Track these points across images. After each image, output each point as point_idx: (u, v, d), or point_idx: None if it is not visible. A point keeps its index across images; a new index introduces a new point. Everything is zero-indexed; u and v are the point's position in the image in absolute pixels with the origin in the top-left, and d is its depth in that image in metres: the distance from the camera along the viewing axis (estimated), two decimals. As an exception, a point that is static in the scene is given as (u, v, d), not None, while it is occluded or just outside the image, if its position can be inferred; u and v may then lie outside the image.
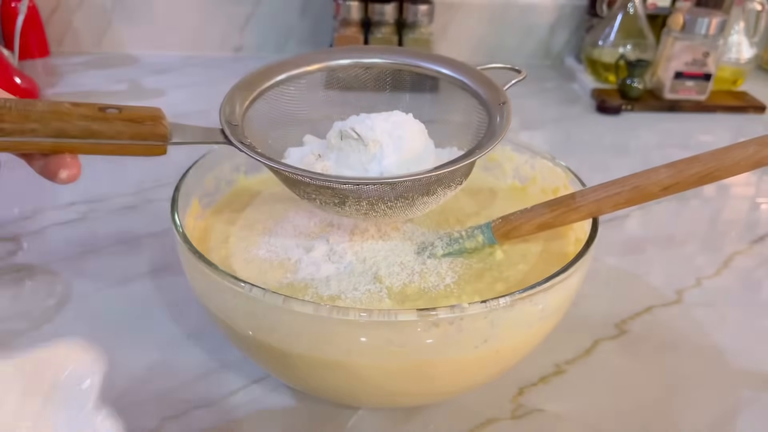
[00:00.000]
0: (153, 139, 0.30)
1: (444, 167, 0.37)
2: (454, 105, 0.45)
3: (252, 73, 0.43)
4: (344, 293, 0.39)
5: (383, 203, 0.38)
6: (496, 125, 0.41)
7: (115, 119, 0.28)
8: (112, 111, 0.28)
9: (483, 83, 0.44)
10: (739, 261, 0.61)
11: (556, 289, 0.35)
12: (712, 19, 0.91)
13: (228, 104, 0.39)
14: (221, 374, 0.45)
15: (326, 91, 0.46)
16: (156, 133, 0.30)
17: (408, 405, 0.43)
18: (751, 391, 0.46)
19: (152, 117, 0.30)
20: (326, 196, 0.38)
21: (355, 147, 0.40)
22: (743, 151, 0.35)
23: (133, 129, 0.28)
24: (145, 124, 0.29)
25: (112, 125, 0.27)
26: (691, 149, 0.51)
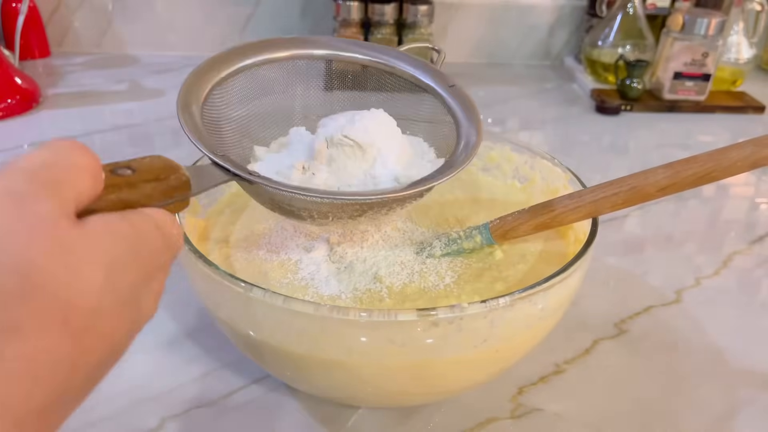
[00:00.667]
0: (180, 192, 0.27)
1: (442, 176, 0.37)
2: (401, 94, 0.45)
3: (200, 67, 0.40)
4: (344, 293, 0.39)
5: (378, 213, 0.38)
6: (464, 128, 0.41)
7: (140, 182, 0.25)
8: (125, 171, 0.24)
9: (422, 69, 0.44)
10: (738, 261, 0.61)
11: (556, 289, 0.35)
12: (712, 19, 0.91)
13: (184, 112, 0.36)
14: (221, 374, 0.45)
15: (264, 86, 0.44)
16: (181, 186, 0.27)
17: (408, 404, 0.43)
18: (750, 391, 0.46)
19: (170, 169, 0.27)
20: (331, 214, 0.37)
21: (350, 154, 0.39)
22: (740, 151, 0.35)
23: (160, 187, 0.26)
24: (169, 180, 0.26)
25: (140, 189, 0.25)
26: (691, 149, 0.51)
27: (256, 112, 0.43)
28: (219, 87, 0.40)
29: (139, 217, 0.24)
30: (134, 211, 0.24)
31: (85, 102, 0.91)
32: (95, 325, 0.21)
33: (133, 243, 0.23)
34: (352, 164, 0.39)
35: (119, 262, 0.22)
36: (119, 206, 0.24)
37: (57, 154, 0.21)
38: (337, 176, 0.39)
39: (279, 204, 0.37)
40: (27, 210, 0.19)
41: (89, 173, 0.22)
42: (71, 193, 0.21)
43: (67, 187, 0.21)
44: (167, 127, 0.85)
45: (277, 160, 0.41)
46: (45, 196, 0.20)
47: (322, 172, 0.39)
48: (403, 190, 0.36)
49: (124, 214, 0.23)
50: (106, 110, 0.90)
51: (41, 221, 0.20)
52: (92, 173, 0.22)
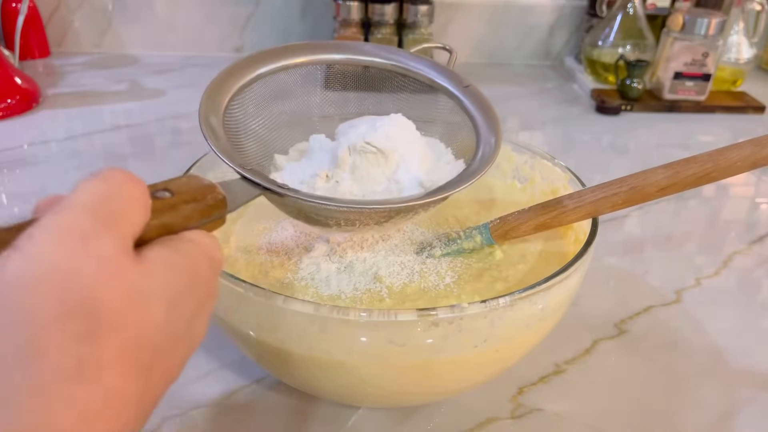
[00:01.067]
0: (217, 211, 0.27)
1: (466, 180, 0.37)
2: (418, 99, 0.45)
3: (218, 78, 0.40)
4: (344, 293, 0.39)
5: (404, 218, 0.38)
6: (483, 133, 0.41)
7: (179, 204, 0.25)
8: (164, 194, 0.24)
9: (435, 70, 0.45)
10: (738, 261, 0.61)
11: (556, 289, 0.35)
12: (712, 19, 0.91)
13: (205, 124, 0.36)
14: (221, 374, 0.45)
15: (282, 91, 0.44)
16: (218, 205, 0.27)
17: (408, 404, 0.43)
18: (750, 391, 0.46)
19: (206, 188, 0.27)
20: (358, 221, 0.37)
21: (372, 161, 0.39)
22: (740, 152, 0.35)
23: (199, 208, 0.26)
24: (206, 200, 0.26)
25: (180, 211, 0.25)
26: (691, 149, 0.51)
27: (273, 119, 0.43)
28: (237, 97, 0.40)
29: (191, 248, 0.24)
30: (184, 240, 0.24)
31: (85, 102, 0.91)
32: (159, 361, 0.21)
33: (189, 276, 0.23)
34: (375, 171, 0.39)
35: (178, 297, 0.22)
36: (162, 231, 0.24)
37: (112, 186, 0.21)
38: (361, 183, 0.39)
39: (306, 214, 0.37)
40: (91, 248, 0.19)
41: (141, 203, 0.22)
42: (129, 226, 0.21)
43: (125, 221, 0.21)
44: (167, 127, 0.85)
45: (299, 168, 0.41)
46: (107, 233, 0.20)
47: (346, 180, 0.39)
48: (430, 196, 0.36)
49: (177, 245, 0.23)
50: (106, 110, 0.90)
51: (106, 260, 0.20)
52: (143, 203, 0.22)
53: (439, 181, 0.39)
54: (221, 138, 0.36)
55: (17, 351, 0.17)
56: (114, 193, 0.21)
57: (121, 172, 0.22)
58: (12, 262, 0.18)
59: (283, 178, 0.40)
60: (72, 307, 0.18)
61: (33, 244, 0.19)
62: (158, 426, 0.41)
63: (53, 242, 0.19)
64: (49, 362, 0.18)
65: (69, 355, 0.18)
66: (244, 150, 0.39)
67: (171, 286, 0.22)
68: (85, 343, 0.18)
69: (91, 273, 0.19)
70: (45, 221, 0.19)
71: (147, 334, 0.20)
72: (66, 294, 0.18)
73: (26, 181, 0.70)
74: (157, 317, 0.21)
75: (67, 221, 0.20)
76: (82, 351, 0.18)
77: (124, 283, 0.20)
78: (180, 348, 0.23)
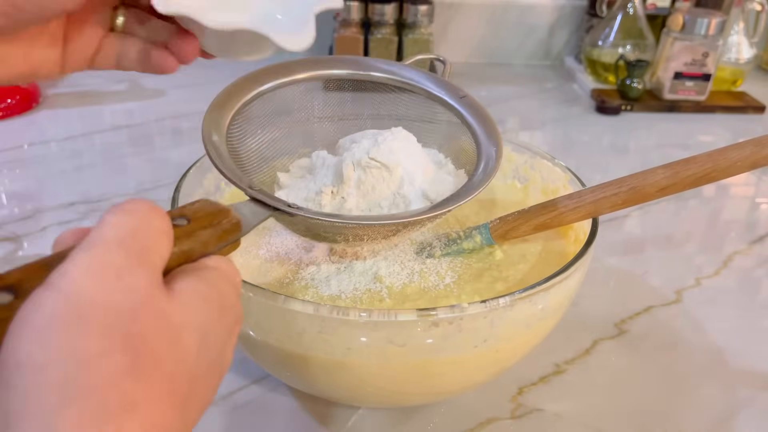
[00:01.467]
0: (232, 235, 0.27)
1: (471, 192, 0.38)
2: (416, 110, 0.45)
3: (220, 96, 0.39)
4: (344, 293, 0.39)
5: (411, 231, 0.38)
6: (484, 143, 0.41)
7: (196, 231, 0.25)
8: (181, 222, 0.25)
9: (432, 81, 0.45)
10: (738, 261, 0.61)
11: (556, 289, 0.35)
12: (712, 19, 0.91)
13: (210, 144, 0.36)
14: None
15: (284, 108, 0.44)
16: (233, 229, 0.28)
17: (408, 405, 0.43)
18: (750, 391, 0.46)
19: (221, 213, 0.27)
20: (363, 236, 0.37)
21: (377, 176, 0.39)
22: (740, 152, 0.35)
23: (216, 233, 0.26)
24: (222, 224, 0.27)
25: (198, 238, 0.25)
26: (691, 149, 0.51)
27: (273, 136, 0.43)
28: (238, 116, 0.40)
29: (215, 275, 0.24)
30: (207, 268, 0.24)
31: (85, 102, 0.91)
32: (194, 390, 0.21)
33: (218, 305, 0.23)
34: (380, 185, 0.39)
35: (209, 326, 0.22)
36: (182, 258, 0.24)
37: (139, 219, 0.21)
38: (366, 199, 0.39)
39: (314, 231, 0.37)
40: (126, 284, 0.19)
41: (166, 235, 0.22)
42: (158, 259, 0.21)
43: (154, 254, 0.21)
44: (167, 127, 0.85)
45: (303, 185, 0.41)
46: (139, 268, 0.20)
47: (352, 195, 0.39)
48: (437, 209, 0.37)
49: (202, 275, 0.23)
50: (106, 110, 0.90)
51: (141, 295, 0.20)
52: (168, 234, 0.23)
53: (443, 192, 0.39)
54: (226, 159, 0.36)
55: (60, 390, 0.17)
56: (142, 227, 0.21)
57: (145, 204, 0.22)
58: (48, 300, 0.18)
59: (289, 197, 0.40)
60: (112, 344, 0.18)
61: (68, 281, 0.19)
62: (158, 426, 0.41)
63: (89, 279, 0.19)
64: (93, 400, 0.18)
65: (113, 392, 0.18)
66: (247, 169, 0.39)
67: (203, 316, 0.22)
68: (127, 380, 0.18)
69: (128, 308, 0.19)
70: (78, 258, 0.19)
71: (183, 366, 0.21)
72: (106, 331, 0.18)
73: (26, 181, 0.70)
74: (192, 348, 0.21)
75: (100, 257, 0.20)
76: (125, 387, 0.18)
77: (161, 317, 0.20)
78: (213, 376, 0.23)
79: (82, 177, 0.71)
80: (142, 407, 0.18)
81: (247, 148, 0.40)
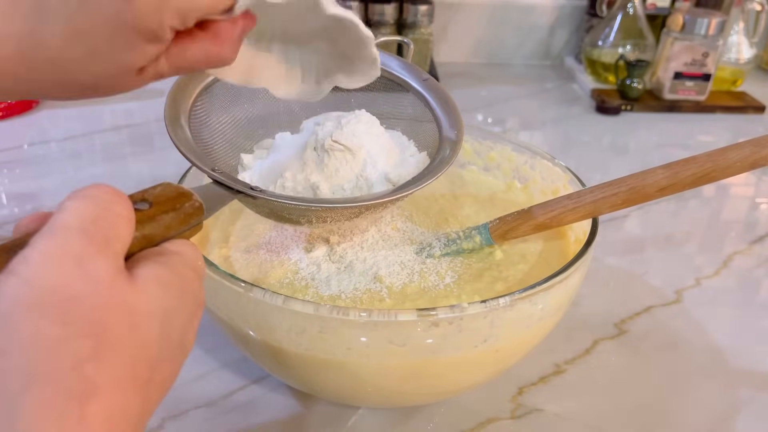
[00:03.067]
0: (195, 218, 0.27)
1: (432, 175, 0.38)
2: (380, 93, 0.45)
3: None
4: (344, 293, 0.39)
5: (374, 213, 0.39)
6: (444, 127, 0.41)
7: (158, 215, 0.25)
8: (143, 206, 0.25)
9: (395, 63, 0.45)
10: (738, 261, 0.61)
11: (556, 289, 0.35)
12: (712, 19, 0.91)
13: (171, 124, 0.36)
14: (221, 374, 0.45)
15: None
16: (196, 212, 0.27)
17: (408, 404, 0.43)
18: (750, 391, 0.46)
19: (183, 196, 0.27)
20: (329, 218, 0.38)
21: (340, 158, 0.40)
22: (739, 152, 0.35)
23: (178, 217, 0.26)
24: (184, 208, 0.26)
25: (160, 222, 0.25)
26: (691, 149, 0.51)
27: (237, 118, 0.44)
28: (200, 98, 0.40)
29: (177, 260, 0.24)
30: (169, 253, 0.24)
31: (85, 102, 0.91)
32: (156, 375, 0.22)
33: (179, 289, 0.23)
34: (344, 168, 0.40)
35: (171, 311, 0.23)
36: (144, 242, 0.24)
37: (100, 205, 0.22)
38: (329, 181, 0.40)
39: (278, 213, 0.38)
40: (87, 271, 0.20)
41: (127, 220, 0.22)
42: (119, 245, 0.22)
43: (115, 240, 0.21)
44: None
45: (267, 168, 0.41)
46: (100, 255, 0.20)
47: (315, 177, 0.40)
48: (397, 193, 0.37)
49: (164, 260, 0.24)
50: (106, 110, 0.90)
51: (102, 281, 0.20)
52: (129, 219, 0.23)
53: (405, 175, 0.40)
54: (189, 141, 0.36)
55: (23, 375, 0.18)
56: (103, 213, 0.21)
57: (106, 189, 0.22)
58: (10, 287, 0.19)
59: (252, 178, 0.41)
60: (74, 330, 0.19)
61: (29, 267, 0.19)
62: (158, 426, 0.41)
63: (50, 266, 0.19)
64: (55, 385, 0.18)
65: (74, 377, 0.18)
66: (210, 151, 0.40)
67: (164, 302, 0.22)
68: (89, 365, 0.19)
69: (89, 295, 0.19)
70: (39, 244, 0.20)
71: (145, 350, 0.21)
72: (68, 317, 0.19)
73: (26, 181, 0.70)
74: (153, 333, 0.21)
75: (61, 244, 0.20)
76: (87, 372, 0.19)
77: (122, 303, 0.20)
78: (175, 360, 0.23)
79: (82, 177, 0.71)
80: (104, 391, 0.19)
81: (210, 130, 0.40)
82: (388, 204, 0.38)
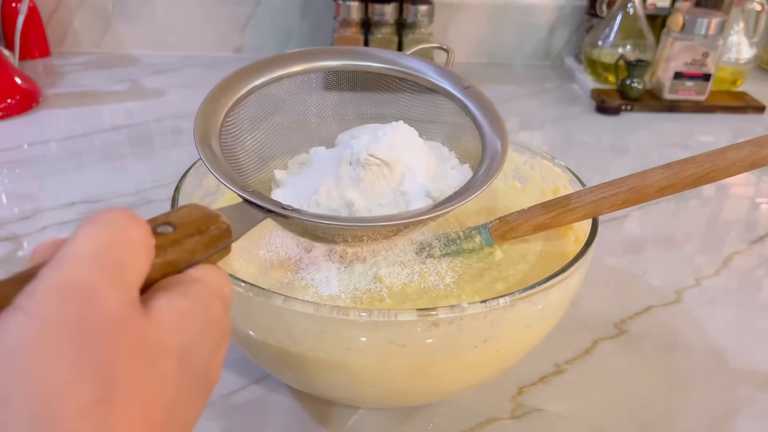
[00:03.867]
0: (222, 241, 0.26)
1: (474, 190, 0.36)
2: (418, 101, 0.44)
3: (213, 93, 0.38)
4: (344, 293, 0.39)
5: (413, 230, 0.37)
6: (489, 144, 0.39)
7: (183, 238, 0.23)
8: (166, 229, 0.23)
9: (434, 71, 0.43)
10: (738, 261, 0.61)
11: (556, 289, 0.35)
12: (712, 19, 0.91)
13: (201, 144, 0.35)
14: (221, 374, 0.45)
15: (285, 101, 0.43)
16: (223, 235, 0.26)
17: (408, 404, 0.43)
18: (750, 391, 0.46)
19: (209, 218, 0.25)
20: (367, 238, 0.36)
21: (377, 173, 0.38)
22: (739, 152, 0.35)
23: (203, 241, 0.24)
24: (210, 231, 0.25)
25: (184, 246, 0.23)
26: (691, 149, 0.51)
27: (270, 132, 0.42)
28: (232, 113, 0.38)
29: (200, 289, 0.23)
30: (192, 281, 0.23)
31: (84, 102, 0.91)
32: (176, 413, 0.20)
33: (201, 321, 0.22)
34: (380, 183, 0.38)
35: (191, 345, 0.21)
36: (167, 268, 0.23)
37: (114, 231, 0.20)
38: (366, 197, 0.38)
39: (312, 232, 0.36)
40: (97, 305, 0.18)
41: (145, 247, 0.21)
42: (134, 275, 0.20)
43: (131, 270, 0.20)
44: (167, 127, 0.85)
45: (301, 184, 0.40)
46: (112, 287, 0.19)
47: (351, 194, 0.38)
48: (438, 209, 0.35)
49: (185, 290, 0.22)
50: (106, 110, 0.90)
51: (113, 317, 0.19)
52: (146, 245, 0.21)
53: (445, 189, 0.38)
54: (219, 159, 0.35)
55: (29, 419, 0.17)
56: (117, 240, 0.20)
57: (122, 214, 0.21)
58: (15, 324, 0.17)
59: (285, 196, 0.39)
60: (83, 371, 0.18)
61: (35, 302, 0.18)
62: (158, 426, 0.41)
63: (56, 300, 0.18)
64: (62, 430, 0.17)
65: (83, 424, 0.17)
66: (242, 168, 0.38)
67: (183, 336, 0.21)
68: (98, 410, 0.18)
69: (99, 333, 0.18)
70: (46, 277, 0.18)
71: (161, 390, 0.20)
72: (75, 358, 0.17)
73: (26, 181, 0.70)
74: (171, 371, 0.20)
75: (70, 276, 0.18)
76: (97, 418, 0.17)
77: (135, 340, 0.19)
78: (198, 395, 0.22)
79: (82, 177, 0.71)
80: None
81: (243, 146, 0.39)
82: (427, 222, 0.36)
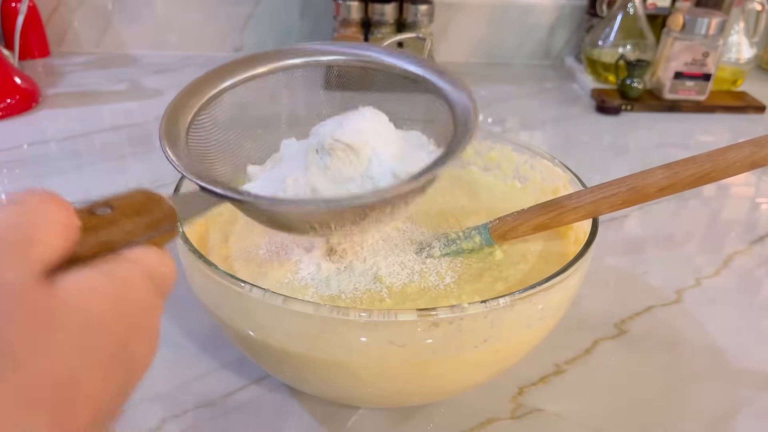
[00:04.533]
0: (165, 223, 0.26)
1: (440, 164, 0.34)
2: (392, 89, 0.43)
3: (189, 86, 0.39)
4: (344, 293, 0.39)
5: (382, 213, 0.36)
6: (462, 114, 0.37)
7: (120, 219, 0.24)
8: (104, 210, 0.24)
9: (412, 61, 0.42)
10: (738, 261, 0.61)
11: (556, 289, 0.35)
12: (712, 19, 0.91)
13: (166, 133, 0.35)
14: (221, 374, 0.45)
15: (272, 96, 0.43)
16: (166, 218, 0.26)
17: (408, 404, 0.43)
18: (750, 391, 0.46)
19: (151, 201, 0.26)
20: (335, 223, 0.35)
21: (343, 158, 0.37)
22: (739, 152, 0.35)
23: (143, 222, 0.25)
24: (152, 213, 0.25)
25: (120, 226, 0.24)
26: (691, 149, 0.51)
27: (245, 131, 0.42)
28: (204, 111, 0.39)
29: (124, 268, 0.23)
30: (120, 260, 0.23)
31: (84, 102, 0.91)
32: (74, 393, 0.20)
33: (115, 299, 0.22)
34: (347, 169, 0.37)
35: (98, 323, 0.21)
36: (102, 248, 0.23)
37: (25, 209, 0.20)
38: (334, 183, 0.37)
39: (277, 221, 0.35)
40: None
41: (61, 224, 0.21)
42: (41, 251, 0.20)
43: (37, 246, 0.20)
44: (167, 127, 0.85)
45: (273, 177, 0.40)
46: (12, 262, 0.19)
47: (319, 182, 0.37)
48: (401, 185, 0.33)
49: (107, 267, 0.22)
50: (106, 110, 0.90)
51: (10, 291, 0.19)
52: (64, 224, 0.21)
53: (414, 171, 0.36)
54: (183, 150, 0.35)
55: None
56: (26, 217, 0.20)
57: (39, 194, 0.21)
58: None
59: (254, 189, 0.39)
60: None
61: None
62: (158, 426, 0.41)
63: None
64: None
65: None
66: (214, 165, 0.38)
67: (86, 312, 0.21)
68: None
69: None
70: None
71: (53, 366, 0.19)
72: None
73: (26, 181, 0.70)
74: (66, 347, 0.20)
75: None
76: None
77: (28, 314, 0.19)
78: (109, 375, 0.21)
79: (81, 177, 0.71)
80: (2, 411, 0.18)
81: (215, 141, 0.39)
82: (396, 202, 0.34)
